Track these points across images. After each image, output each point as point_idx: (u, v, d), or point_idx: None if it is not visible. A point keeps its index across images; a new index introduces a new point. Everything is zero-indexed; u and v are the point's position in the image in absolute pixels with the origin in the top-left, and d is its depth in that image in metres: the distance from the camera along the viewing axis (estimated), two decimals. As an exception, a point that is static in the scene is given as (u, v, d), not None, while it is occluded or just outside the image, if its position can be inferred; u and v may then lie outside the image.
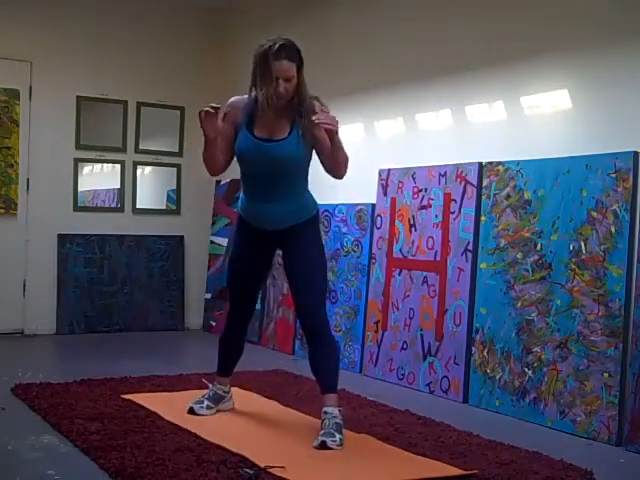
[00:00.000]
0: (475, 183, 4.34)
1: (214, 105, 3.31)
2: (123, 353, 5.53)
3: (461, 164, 4.45)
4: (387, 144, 5.21)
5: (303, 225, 3.38)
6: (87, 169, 6.61)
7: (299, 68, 3.27)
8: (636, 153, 3.57)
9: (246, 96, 3.36)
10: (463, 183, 4.42)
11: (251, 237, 3.46)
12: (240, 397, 3.88)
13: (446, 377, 4.37)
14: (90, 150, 6.46)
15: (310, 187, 3.47)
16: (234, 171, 7.08)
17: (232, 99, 3.45)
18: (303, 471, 2.88)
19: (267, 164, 3.28)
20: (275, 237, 3.40)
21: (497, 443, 3.33)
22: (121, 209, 6.63)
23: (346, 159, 3.31)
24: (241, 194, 3.49)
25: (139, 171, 6.73)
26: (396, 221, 4.84)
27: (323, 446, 3.13)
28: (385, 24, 5.19)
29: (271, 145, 3.28)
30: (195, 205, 6.86)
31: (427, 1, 4.89)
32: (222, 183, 6.78)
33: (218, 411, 3.68)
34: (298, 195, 3.37)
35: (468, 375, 4.25)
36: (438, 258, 4.51)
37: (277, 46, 3.18)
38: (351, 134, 5.51)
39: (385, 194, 4.96)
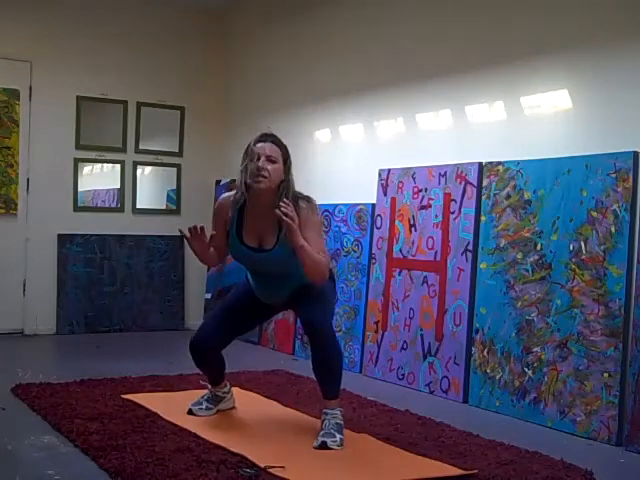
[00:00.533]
0: (475, 183, 4.34)
1: (197, 226, 3.38)
2: (123, 353, 5.53)
3: (461, 164, 4.45)
4: (387, 144, 5.21)
5: (302, 290, 3.39)
6: (87, 169, 6.61)
7: (285, 161, 3.29)
8: (636, 153, 3.57)
9: (233, 192, 3.42)
10: (463, 183, 4.42)
11: (250, 295, 3.55)
12: (240, 397, 3.88)
13: (446, 377, 4.37)
14: (90, 150, 6.46)
15: (310, 186, 3.46)
16: (234, 171, 7.10)
17: (221, 198, 3.49)
18: (303, 471, 2.88)
19: (261, 267, 3.39)
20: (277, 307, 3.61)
21: (497, 443, 3.33)
22: (121, 209, 6.63)
23: (316, 266, 3.19)
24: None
25: (139, 171, 6.73)
26: (396, 221, 4.84)
27: (323, 446, 3.13)
28: (385, 24, 5.19)
29: (261, 256, 3.34)
30: (195, 205, 6.85)
31: (427, 1, 4.89)
32: (222, 183, 6.78)
33: (218, 411, 3.68)
34: (299, 278, 3.33)
35: (468, 375, 4.25)
36: (438, 258, 4.51)
37: (262, 133, 3.32)
38: (351, 134, 5.52)
39: (385, 194, 4.96)
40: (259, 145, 3.27)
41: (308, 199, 3.30)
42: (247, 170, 3.26)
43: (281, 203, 3.12)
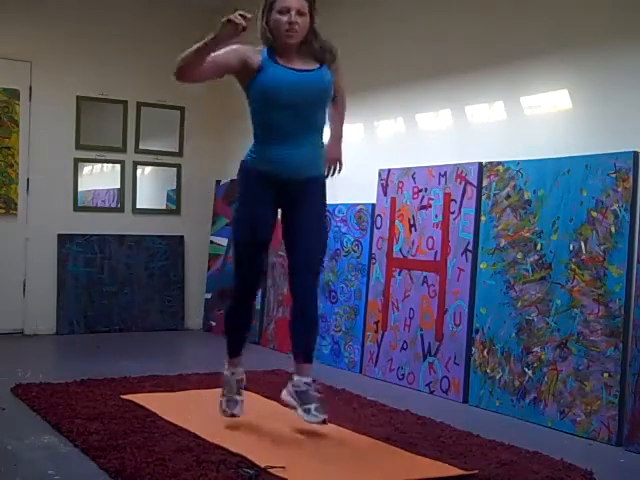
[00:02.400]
0: (475, 183, 4.34)
1: (246, 15, 2.96)
2: (123, 353, 5.53)
3: (461, 164, 4.45)
4: (387, 144, 5.21)
5: (317, 182, 3.31)
6: (87, 169, 6.61)
7: (311, 7, 3.21)
8: (636, 153, 3.57)
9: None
10: (463, 183, 4.42)
11: (261, 190, 3.27)
12: (240, 397, 3.88)
13: (446, 377, 4.37)
14: (90, 150, 6.46)
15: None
16: (234, 171, 7.08)
17: (245, 44, 3.20)
18: (303, 471, 2.88)
19: (304, 95, 3.17)
20: (287, 189, 3.26)
21: (497, 443, 3.33)
22: (121, 209, 6.63)
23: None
24: (254, 144, 3.29)
25: (139, 171, 6.73)
26: (396, 221, 4.84)
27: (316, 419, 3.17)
28: (385, 24, 5.19)
29: (311, 74, 3.20)
30: (195, 205, 6.87)
31: (427, 1, 4.89)
32: (222, 183, 6.78)
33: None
34: (319, 140, 3.28)
35: (468, 375, 4.25)
36: (438, 258, 4.51)
37: None
38: (351, 134, 5.51)
39: (385, 194, 4.96)
40: None
41: (332, 46, 3.30)
42: (272, 22, 3.16)
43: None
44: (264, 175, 3.24)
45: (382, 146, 5.25)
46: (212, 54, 3.12)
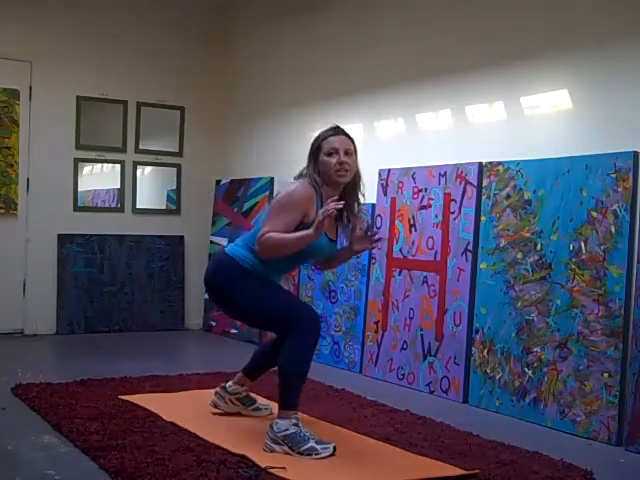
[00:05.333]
0: (475, 183, 4.34)
1: (339, 206, 3.09)
2: (123, 353, 5.53)
3: (461, 164, 4.45)
4: (387, 144, 5.21)
5: None
6: (87, 169, 6.61)
7: (355, 152, 3.33)
8: (636, 153, 3.57)
9: (306, 184, 3.26)
10: (463, 183, 4.42)
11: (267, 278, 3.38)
12: (240, 397, 3.88)
13: (446, 377, 4.37)
14: (90, 150, 6.46)
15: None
16: (234, 171, 7.10)
17: (305, 189, 3.22)
18: (304, 472, 2.88)
19: (319, 257, 3.42)
20: None
21: (497, 443, 3.33)
22: (121, 209, 6.63)
23: None
24: (258, 264, 3.26)
25: (139, 171, 6.73)
26: (396, 221, 4.84)
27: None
28: (385, 24, 5.19)
29: (330, 245, 3.35)
30: (195, 205, 6.86)
31: (427, 1, 4.89)
32: (222, 183, 6.78)
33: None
34: None
35: (468, 375, 4.25)
36: (438, 258, 4.51)
37: (332, 126, 3.36)
38: (351, 134, 5.51)
39: (385, 194, 4.96)
40: (334, 139, 3.28)
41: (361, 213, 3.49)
42: (321, 164, 3.25)
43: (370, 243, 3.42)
44: (259, 275, 3.31)
45: (382, 146, 5.24)
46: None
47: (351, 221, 3.36)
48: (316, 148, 3.31)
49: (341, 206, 3.10)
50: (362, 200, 3.39)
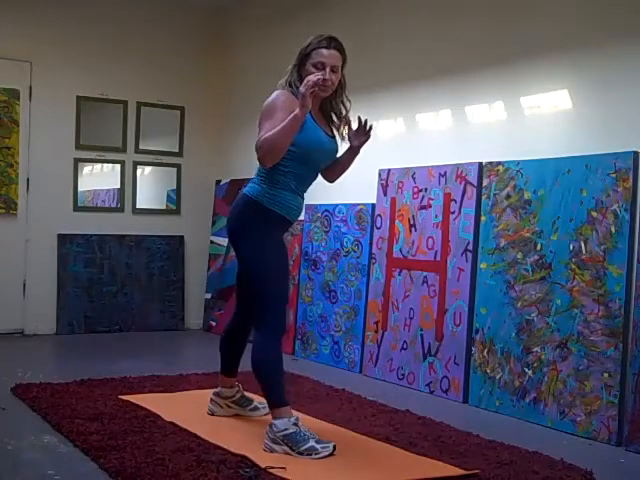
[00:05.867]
0: (475, 183, 4.34)
1: (321, 77, 3.09)
2: (123, 353, 5.53)
3: (461, 164, 4.45)
4: (387, 144, 5.21)
5: None
6: (87, 169, 6.61)
7: (343, 64, 3.29)
8: (636, 153, 3.57)
9: (285, 90, 3.26)
10: (463, 183, 4.42)
11: (278, 232, 3.34)
12: (240, 397, 3.88)
13: (446, 377, 4.37)
14: (90, 150, 6.46)
15: (311, 187, 3.45)
16: (234, 171, 7.08)
17: (283, 92, 3.24)
18: (303, 471, 2.88)
19: (326, 159, 3.35)
20: (286, 230, 3.46)
21: (497, 443, 3.33)
22: (121, 209, 6.63)
23: None
24: (271, 188, 3.22)
25: (139, 171, 6.73)
26: (396, 221, 4.84)
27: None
28: (385, 24, 5.19)
29: (333, 142, 3.36)
30: (195, 205, 6.87)
31: (427, 2, 4.89)
32: (222, 183, 6.78)
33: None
34: None
35: (468, 375, 4.25)
36: (438, 258, 4.51)
37: (327, 36, 3.24)
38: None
39: (385, 194, 4.96)
40: (324, 52, 3.20)
41: (349, 119, 3.42)
42: (305, 73, 3.19)
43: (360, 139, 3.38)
44: (279, 217, 3.27)
45: (382, 146, 5.24)
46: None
47: (342, 121, 3.35)
48: (304, 55, 3.24)
49: (320, 77, 3.06)
50: (348, 104, 3.36)
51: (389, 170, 4.97)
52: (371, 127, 3.42)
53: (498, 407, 4.04)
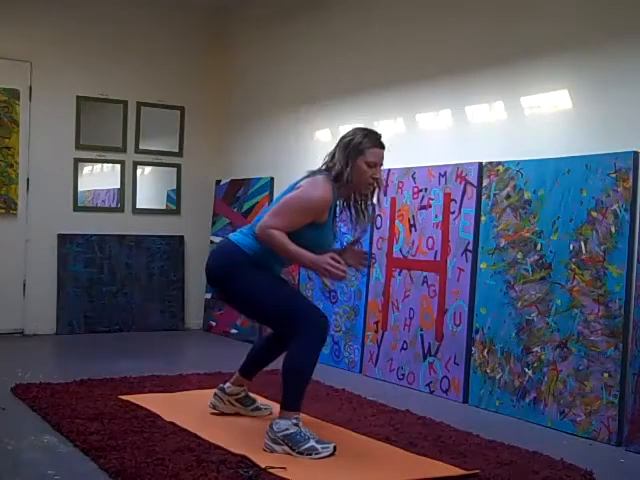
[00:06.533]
0: (475, 183, 4.34)
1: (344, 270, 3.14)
2: (123, 353, 5.53)
3: (461, 164, 4.45)
4: (387, 144, 5.20)
5: None
6: (87, 169, 6.61)
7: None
8: (636, 153, 3.57)
9: (328, 181, 3.23)
10: (463, 183, 4.42)
11: (269, 268, 3.33)
12: (240, 397, 3.88)
13: (446, 377, 4.37)
14: (90, 150, 6.46)
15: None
16: (234, 171, 7.09)
17: (326, 188, 3.20)
18: (303, 471, 2.88)
19: (321, 250, 3.34)
20: None
21: (497, 443, 3.33)
22: (121, 209, 6.63)
23: None
24: (255, 243, 3.23)
25: (139, 171, 6.73)
26: (396, 221, 4.84)
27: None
28: (385, 24, 5.19)
29: (334, 239, 3.45)
30: (195, 205, 6.87)
31: (427, 1, 4.89)
32: (222, 183, 6.78)
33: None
34: None
35: (468, 375, 4.25)
36: (438, 258, 4.51)
37: (379, 136, 3.30)
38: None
39: (385, 194, 4.96)
40: (378, 151, 3.27)
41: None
42: (356, 168, 3.22)
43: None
44: (272, 265, 3.31)
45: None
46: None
47: (359, 222, 3.41)
48: (357, 150, 3.22)
49: (342, 275, 3.10)
50: (376, 208, 3.43)
51: (389, 170, 4.96)
52: (369, 256, 3.48)
53: (498, 407, 4.04)
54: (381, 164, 3.29)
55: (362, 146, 3.23)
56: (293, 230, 3.15)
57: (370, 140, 3.25)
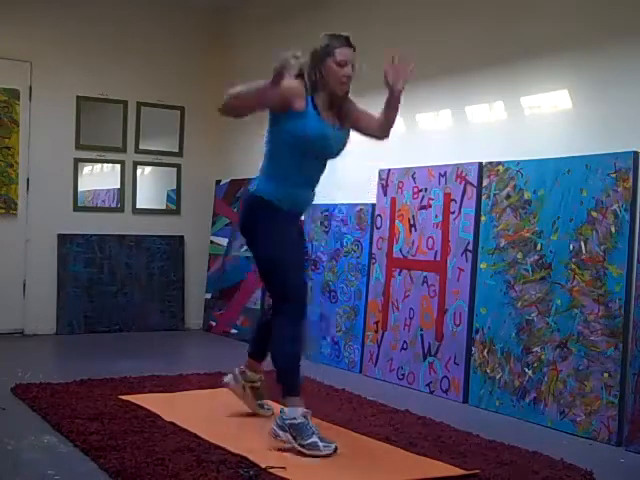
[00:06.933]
0: (475, 183, 4.34)
1: (298, 55, 3.19)
2: (123, 353, 5.53)
3: (461, 164, 4.45)
4: (387, 144, 5.19)
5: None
6: (87, 169, 6.61)
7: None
8: (636, 153, 3.57)
9: (297, 81, 3.30)
10: (463, 183, 4.42)
11: (291, 226, 3.37)
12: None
13: (446, 377, 4.37)
14: (90, 150, 6.46)
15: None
16: (234, 171, 7.08)
17: (294, 84, 3.27)
18: (303, 471, 2.88)
19: (332, 151, 3.36)
20: (297, 221, 3.50)
21: (497, 443, 3.33)
22: (121, 209, 6.63)
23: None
24: (276, 184, 3.27)
25: (139, 171, 6.73)
26: (396, 221, 4.84)
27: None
28: (384, 24, 5.19)
29: (341, 133, 3.38)
30: (195, 205, 6.87)
31: (427, 2, 4.89)
32: (222, 183, 6.78)
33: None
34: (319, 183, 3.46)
35: (468, 375, 4.25)
36: (438, 258, 4.51)
37: (345, 35, 3.31)
38: (351, 134, 5.50)
39: (385, 194, 4.96)
40: (347, 51, 3.29)
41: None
42: (326, 70, 3.26)
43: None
44: (289, 213, 3.32)
45: (382, 146, 5.22)
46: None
47: (348, 113, 3.43)
48: (325, 52, 3.27)
49: (299, 56, 3.15)
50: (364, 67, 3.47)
51: (389, 170, 4.97)
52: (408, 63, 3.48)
53: (498, 407, 4.04)
54: (353, 64, 3.31)
55: (329, 48, 3.28)
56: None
57: (338, 41, 3.30)
